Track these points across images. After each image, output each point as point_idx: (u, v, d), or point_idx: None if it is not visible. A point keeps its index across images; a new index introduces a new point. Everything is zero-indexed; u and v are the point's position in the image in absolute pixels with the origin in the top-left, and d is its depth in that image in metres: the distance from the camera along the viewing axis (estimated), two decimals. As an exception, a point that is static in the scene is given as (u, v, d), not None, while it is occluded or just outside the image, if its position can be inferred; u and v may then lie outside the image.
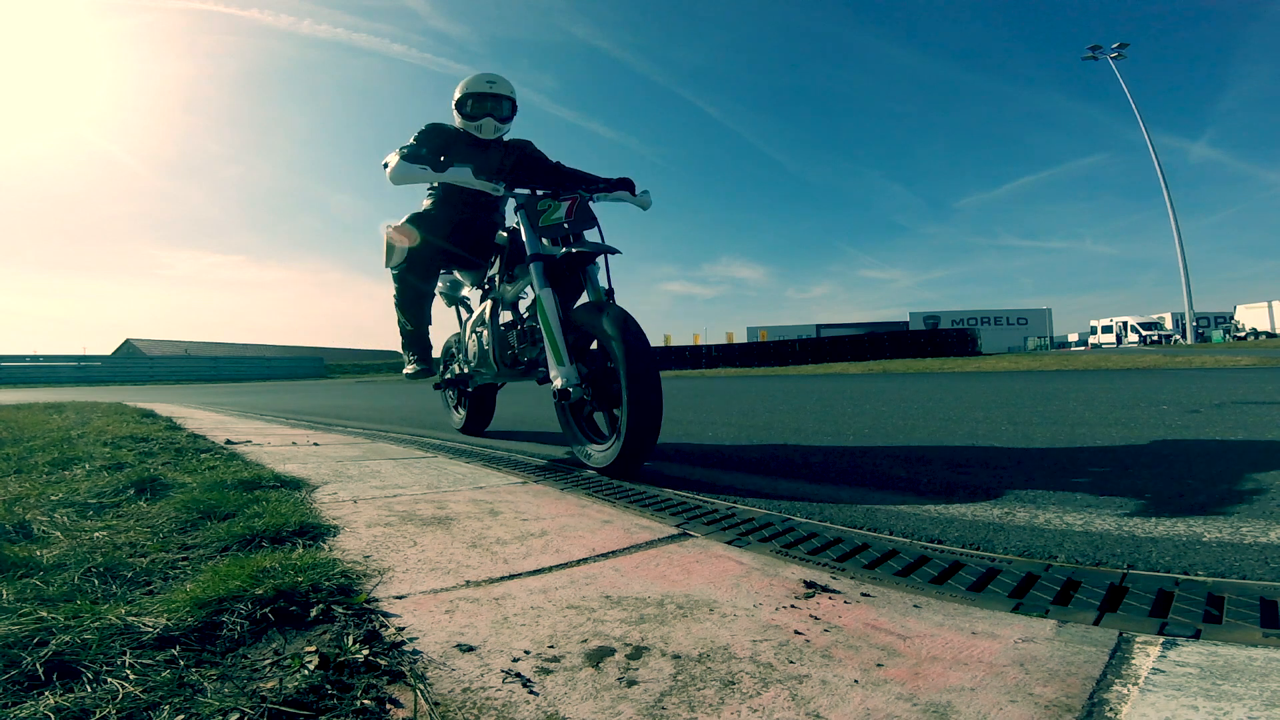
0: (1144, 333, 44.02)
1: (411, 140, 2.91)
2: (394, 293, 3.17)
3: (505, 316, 3.02)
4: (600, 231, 2.48)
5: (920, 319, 53.51)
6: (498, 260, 3.08)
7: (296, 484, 1.92)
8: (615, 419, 2.16)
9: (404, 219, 3.09)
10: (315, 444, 3.15)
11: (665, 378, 2.22)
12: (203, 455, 2.51)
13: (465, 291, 3.62)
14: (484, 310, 3.11)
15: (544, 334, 2.33)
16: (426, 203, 3.20)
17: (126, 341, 55.03)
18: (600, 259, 2.47)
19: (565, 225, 2.43)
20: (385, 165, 2.71)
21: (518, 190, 2.64)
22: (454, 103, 3.05)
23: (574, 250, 2.40)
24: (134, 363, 39.09)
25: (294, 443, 3.22)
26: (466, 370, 3.40)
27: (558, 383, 2.26)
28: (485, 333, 3.05)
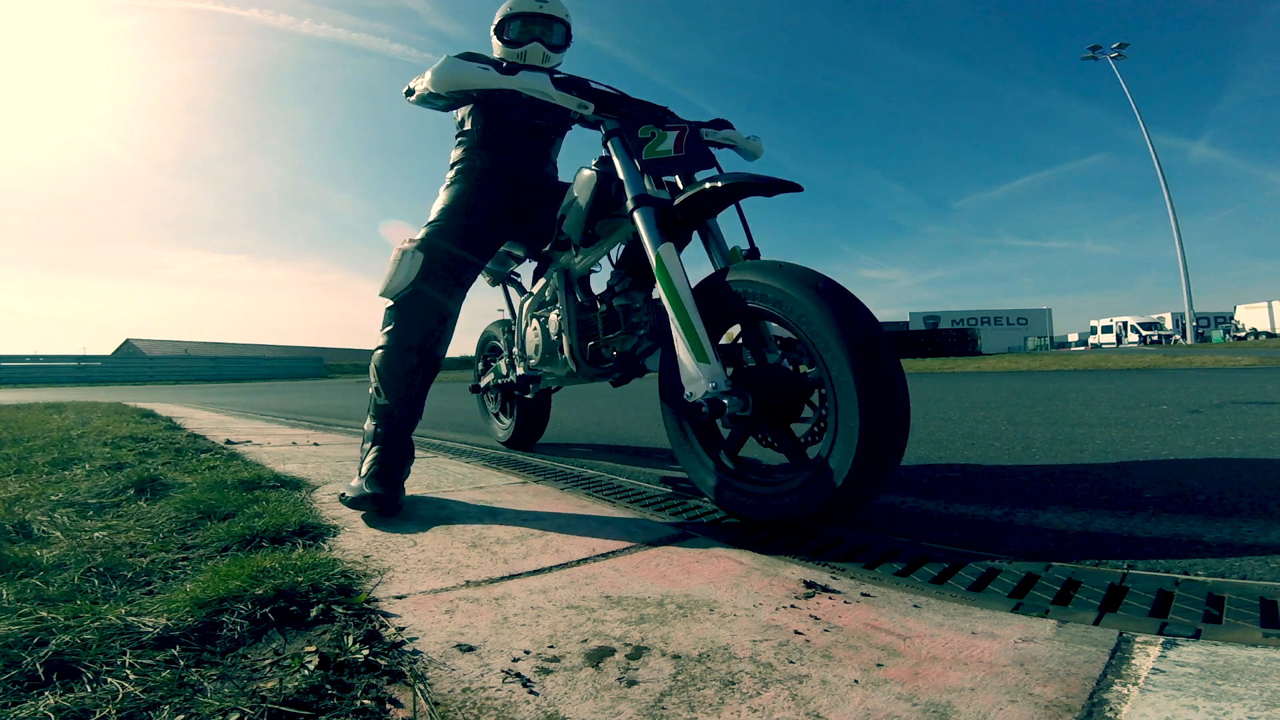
0: (1144, 333, 44.10)
1: None
2: (380, 343, 1.86)
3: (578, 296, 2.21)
4: (720, 170, 1.76)
5: (920, 319, 53.56)
6: (585, 212, 1.95)
7: (296, 484, 1.92)
8: (787, 442, 1.52)
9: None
10: (315, 444, 3.15)
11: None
12: (203, 455, 2.52)
13: (517, 267, 2.71)
14: (547, 287, 2.31)
15: (671, 314, 1.53)
16: (456, 153, 2.28)
17: (126, 341, 55.13)
18: (729, 209, 1.74)
19: (676, 159, 1.74)
20: (410, 92, 1.92)
21: (606, 114, 1.84)
22: (493, 28, 2.28)
23: (719, 185, 1.57)
24: (134, 363, 39.09)
25: (294, 443, 3.22)
26: (523, 370, 2.50)
27: (699, 389, 1.48)
28: (554, 317, 2.22)
